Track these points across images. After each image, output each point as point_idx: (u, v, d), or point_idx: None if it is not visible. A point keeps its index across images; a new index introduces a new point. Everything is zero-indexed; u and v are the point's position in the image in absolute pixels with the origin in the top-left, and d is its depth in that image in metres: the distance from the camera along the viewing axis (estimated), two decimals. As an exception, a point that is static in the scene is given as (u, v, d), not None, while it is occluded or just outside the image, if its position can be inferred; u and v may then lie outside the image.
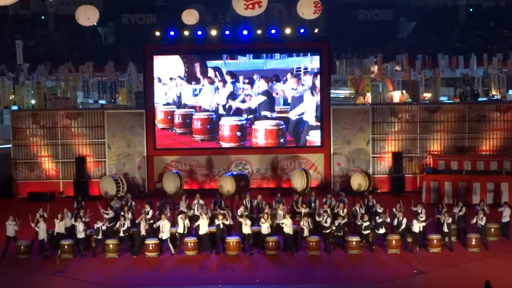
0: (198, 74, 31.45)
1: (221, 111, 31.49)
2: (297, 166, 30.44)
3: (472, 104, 33.90)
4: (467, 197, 28.23)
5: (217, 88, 31.47)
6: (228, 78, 31.38)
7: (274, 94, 31.26)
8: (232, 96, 31.42)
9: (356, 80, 43.96)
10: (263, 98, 31.31)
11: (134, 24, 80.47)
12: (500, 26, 74.37)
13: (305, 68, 31.37)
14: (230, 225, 23.64)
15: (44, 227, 22.60)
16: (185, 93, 31.53)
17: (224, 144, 31.62)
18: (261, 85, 31.29)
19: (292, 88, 31.24)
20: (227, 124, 31.57)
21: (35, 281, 20.52)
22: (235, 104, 31.36)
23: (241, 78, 31.27)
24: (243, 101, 31.43)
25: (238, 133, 31.59)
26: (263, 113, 31.42)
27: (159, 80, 31.52)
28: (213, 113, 31.56)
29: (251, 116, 31.45)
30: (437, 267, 21.04)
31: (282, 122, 31.41)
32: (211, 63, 31.49)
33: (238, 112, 31.52)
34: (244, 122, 31.49)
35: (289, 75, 31.22)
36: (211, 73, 31.38)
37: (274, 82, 31.22)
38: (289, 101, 31.33)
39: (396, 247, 22.36)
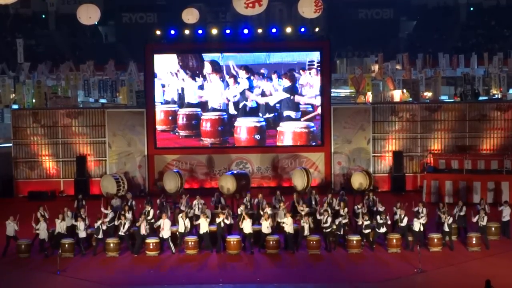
0: (204, 70, 31.04)
1: (232, 110, 31.08)
2: (297, 165, 30.44)
3: (473, 103, 33.88)
4: (468, 196, 28.24)
5: (227, 84, 31.10)
6: (242, 74, 30.95)
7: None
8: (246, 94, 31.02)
9: (357, 79, 43.94)
10: (286, 95, 31.06)
11: (134, 23, 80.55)
12: (500, 25, 74.39)
13: (319, 62, 31.21)
14: (230, 224, 23.64)
15: (45, 227, 22.62)
16: (188, 90, 31.28)
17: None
18: (283, 82, 30.93)
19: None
20: (243, 126, 31.15)
21: (35, 280, 20.53)
22: (252, 96, 30.52)
23: (257, 76, 30.89)
24: (263, 94, 30.83)
25: (257, 136, 31.23)
26: (286, 113, 31.03)
27: (155, 76, 31.36)
28: (224, 113, 31.28)
29: (271, 116, 31.09)
30: (437, 266, 21.04)
31: (312, 124, 31.21)
32: (207, 56, 31.19)
33: (254, 111, 30.96)
34: (264, 123, 31.14)
35: (312, 71, 31.06)
36: (218, 68, 31.09)
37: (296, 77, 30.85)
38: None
39: (396, 246, 22.35)
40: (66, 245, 22.21)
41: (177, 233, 22.88)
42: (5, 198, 31.00)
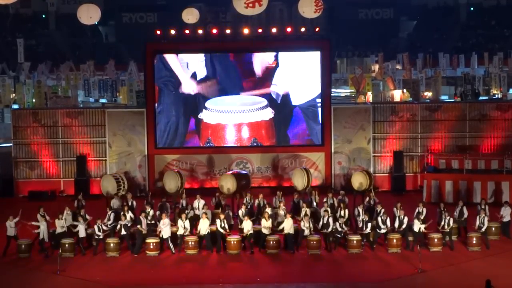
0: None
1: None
2: (297, 165, 30.42)
3: (473, 103, 33.88)
4: (468, 196, 28.22)
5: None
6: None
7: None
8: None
9: (357, 79, 43.96)
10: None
11: (135, 23, 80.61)
12: (500, 25, 74.42)
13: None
14: (230, 225, 23.63)
15: (45, 227, 22.59)
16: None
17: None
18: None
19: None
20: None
21: (35, 279, 20.52)
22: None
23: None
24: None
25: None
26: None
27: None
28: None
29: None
30: (438, 266, 21.03)
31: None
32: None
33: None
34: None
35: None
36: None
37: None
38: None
39: (397, 246, 22.33)
40: (66, 245, 22.21)
41: (177, 233, 22.87)
42: (5, 198, 30.99)
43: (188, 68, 31.24)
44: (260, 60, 31.19)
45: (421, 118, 31.87)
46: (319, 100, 31.19)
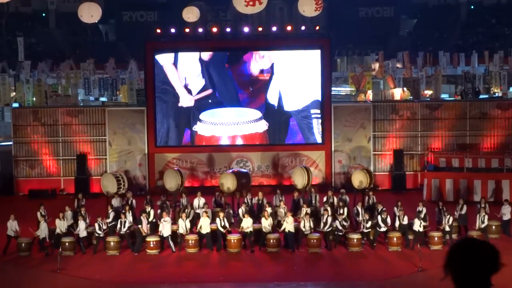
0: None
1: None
2: (298, 164, 30.42)
3: (473, 101, 33.87)
4: (468, 194, 28.21)
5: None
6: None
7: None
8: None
9: (357, 78, 43.90)
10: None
11: (135, 22, 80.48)
12: (501, 23, 74.30)
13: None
14: (230, 223, 23.62)
15: (45, 226, 22.59)
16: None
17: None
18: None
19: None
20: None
21: (36, 278, 20.52)
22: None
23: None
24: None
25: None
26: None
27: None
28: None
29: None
30: (438, 264, 20.81)
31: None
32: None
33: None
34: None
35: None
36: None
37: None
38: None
39: (397, 244, 22.33)
40: (67, 244, 22.22)
41: (178, 232, 22.87)
42: (6, 196, 31.01)
43: (184, 79, 31.17)
44: (256, 67, 31.10)
45: (421, 117, 31.86)
46: (314, 110, 31.13)
